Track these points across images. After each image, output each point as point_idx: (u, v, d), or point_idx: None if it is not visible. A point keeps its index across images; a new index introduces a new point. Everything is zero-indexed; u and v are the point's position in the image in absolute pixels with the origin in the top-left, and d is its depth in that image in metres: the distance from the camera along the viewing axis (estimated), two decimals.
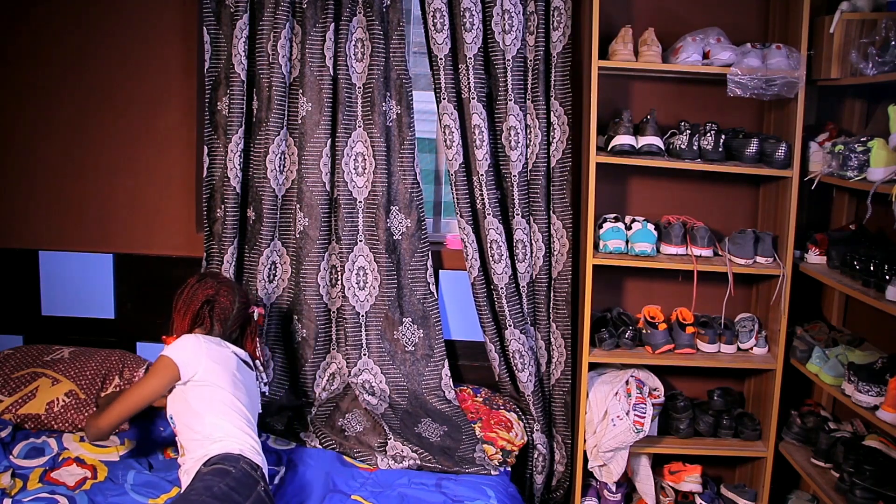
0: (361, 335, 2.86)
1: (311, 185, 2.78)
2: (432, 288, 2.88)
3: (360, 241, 2.84)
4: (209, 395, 2.21)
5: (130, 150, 2.99)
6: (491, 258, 2.79)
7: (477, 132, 2.72)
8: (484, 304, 2.83)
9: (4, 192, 3.03)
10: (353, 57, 2.75)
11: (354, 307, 2.85)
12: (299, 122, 2.77)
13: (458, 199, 2.79)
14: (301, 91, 2.75)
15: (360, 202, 2.83)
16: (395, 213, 2.85)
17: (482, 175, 2.74)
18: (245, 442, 2.16)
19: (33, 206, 3.03)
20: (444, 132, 2.75)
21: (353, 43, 2.74)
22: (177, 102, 2.94)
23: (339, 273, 2.85)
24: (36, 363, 2.73)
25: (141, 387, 2.23)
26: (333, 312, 2.90)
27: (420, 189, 2.85)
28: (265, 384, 2.49)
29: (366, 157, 2.80)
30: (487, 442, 2.67)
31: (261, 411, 2.42)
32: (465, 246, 2.80)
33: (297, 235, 2.82)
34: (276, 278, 2.88)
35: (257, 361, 2.48)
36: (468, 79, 2.70)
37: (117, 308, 3.05)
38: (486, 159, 2.74)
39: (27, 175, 3.02)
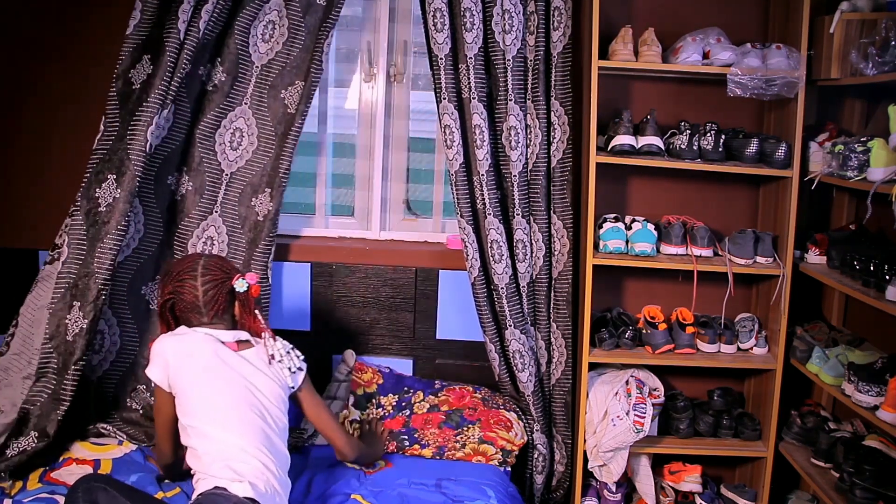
0: None
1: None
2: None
3: (216, 212, 2.82)
4: (185, 401, 2.07)
5: None
6: (491, 258, 2.78)
7: (477, 132, 2.71)
8: (484, 304, 2.83)
9: (4, 192, 3.02)
10: (260, 37, 2.73)
11: None
12: (210, 89, 2.75)
13: (458, 199, 2.79)
14: (220, 60, 2.72)
15: (227, 175, 2.81)
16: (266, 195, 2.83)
17: (482, 175, 2.74)
18: (233, 462, 1.98)
19: (33, 206, 3.03)
20: (444, 132, 2.74)
21: (264, 24, 2.72)
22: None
23: None
24: None
25: (155, 413, 2.19)
26: None
27: (287, 177, 2.81)
28: (295, 366, 2.22)
29: (245, 134, 2.80)
30: (487, 442, 2.67)
31: (299, 380, 2.22)
32: (466, 246, 2.80)
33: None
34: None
35: (266, 337, 2.21)
36: (468, 79, 2.70)
37: None
38: (487, 159, 2.74)
39: (27, 175, 3.01)
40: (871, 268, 2.30)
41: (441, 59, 2.69)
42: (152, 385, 2.16)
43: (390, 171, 3.14)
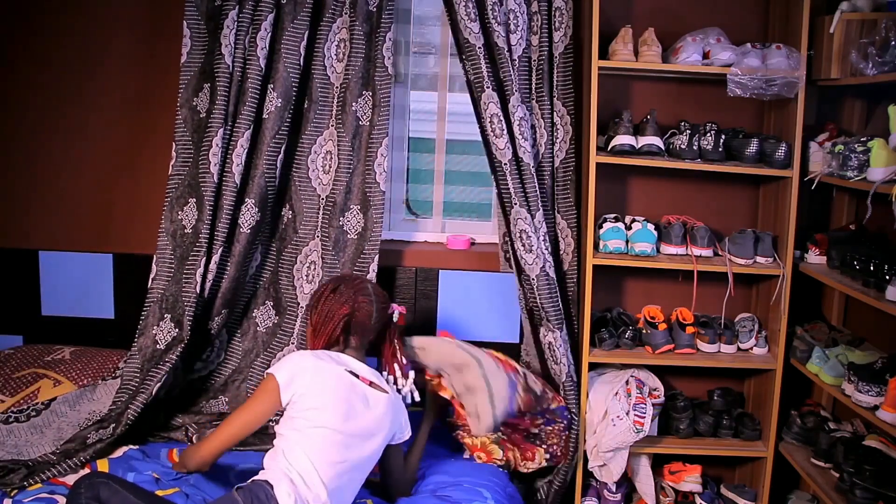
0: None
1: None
2: None
3: (317, 237, 2.83)
4: (295, 417, 2.05)
5: (130, 150, 2.99)
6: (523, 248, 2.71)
7: (496, 122, 2.64)
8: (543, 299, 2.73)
9: (4, 192, 3.02)
10: (335, 57, 2.74)
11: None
12: (265, 116, 2.72)
13: (513, 189, 2.64)
14: (272, 86, 2.70)
15: (322, 199, 2.82)
16: (353, 212, 2.82)
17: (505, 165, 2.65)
18: (295, 479, 1.98)
19: (33, 206, 3.03)
20: (491, 122, 2.62)
21: (335, 43, 2.73)
22: (177, 102, 2.94)
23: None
24: (37, 363, 2.73)
25: (244, 410, 2.08)
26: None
27: (380, 190, 2.79)
28: (408, 399, 2.32)
29: (332, 155, 2.80)
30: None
31: (402, 437, 2.25)
32: (528, 236, 2.67)
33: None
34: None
35: (395, 369, 2.31)
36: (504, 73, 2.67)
37: (117, 308, 3.05)
38: (508, 150, 2.65)
39: (27, 175, 3.01)
40: (871, 268, 2.30)
41: (479, 49, 2.59)
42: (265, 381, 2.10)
43: (390, 172, 3.14)
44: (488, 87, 2.59)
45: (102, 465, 2.38)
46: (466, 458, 2.65)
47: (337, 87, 2.77)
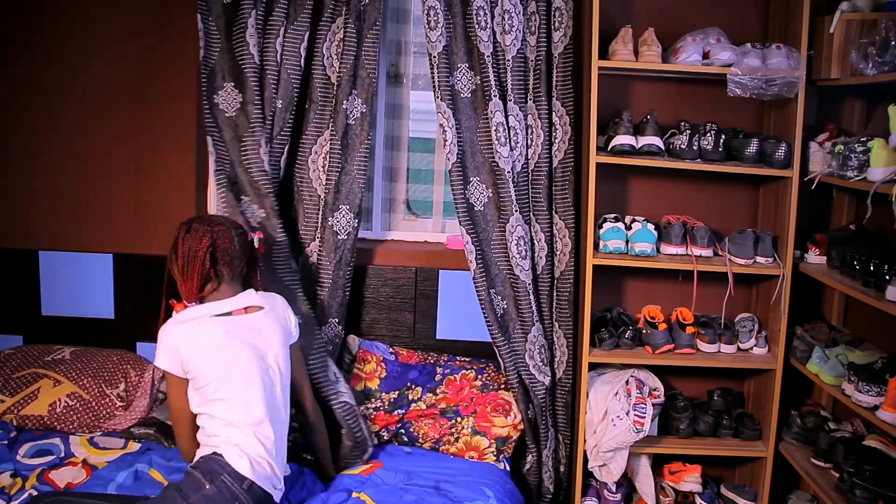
0: None
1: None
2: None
3: (317, 238, 2.81)
4: (199, 387, 2.12)
5: (130, 150, 2.99)
6: (519, 255, 2.77)
7: (501, 130, 2.70)
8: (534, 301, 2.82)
9: (4, 192, 3.02)
10: (335, 56, 2.73)
11: None
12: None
13: (524, 197, 2.79)
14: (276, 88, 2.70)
15: (322, 199, 2.80)
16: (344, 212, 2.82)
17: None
18: (237, 440, 2.08)
19: (33, 206, 3.03)
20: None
21: (335, 43, 2.72)
22: (177, 101, 2.94)
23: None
24: (37, 364, 2.73)
25: (170, 404, 2.21)
26: None
27: (361, 191, 2.80)
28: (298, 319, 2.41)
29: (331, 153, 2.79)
30: (480, 433, 2.67)
31: (294, 338, 2.33)
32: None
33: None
34: None
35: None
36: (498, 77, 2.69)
37: (117, 308, 3.05)
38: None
39: (27, 175, 3.01)
40: (871, 268, 2.30)
41: (487, 56, 2.66)
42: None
43: (390, 171, 3.14)
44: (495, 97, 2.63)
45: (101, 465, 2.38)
46: (465, 458, 2.68)
47: (335, 87, 2.76)
